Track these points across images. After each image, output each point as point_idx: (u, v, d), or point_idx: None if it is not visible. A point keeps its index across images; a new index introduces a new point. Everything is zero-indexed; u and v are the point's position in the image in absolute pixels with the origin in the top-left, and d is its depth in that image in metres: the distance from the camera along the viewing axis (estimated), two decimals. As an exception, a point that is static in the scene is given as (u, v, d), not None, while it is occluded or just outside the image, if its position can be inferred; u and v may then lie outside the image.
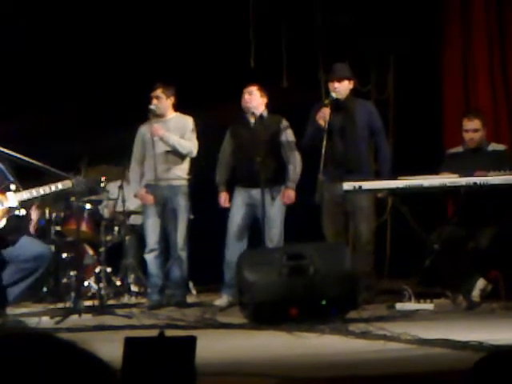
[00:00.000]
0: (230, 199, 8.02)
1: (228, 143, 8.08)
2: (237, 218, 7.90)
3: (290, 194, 7.87)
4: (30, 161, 6.92)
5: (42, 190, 6.94)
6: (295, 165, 7.90)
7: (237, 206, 7.93)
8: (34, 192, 6.93)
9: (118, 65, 9.50)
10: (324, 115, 7.33)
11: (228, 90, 8.18)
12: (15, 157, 6.92)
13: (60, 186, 7.01)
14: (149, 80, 8.20)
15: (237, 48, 9.28)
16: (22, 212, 6.91)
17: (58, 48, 9.53)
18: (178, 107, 8.19)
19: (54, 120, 9.03)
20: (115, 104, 9.30)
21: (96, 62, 9.60)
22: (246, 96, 7.84)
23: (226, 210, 7.99)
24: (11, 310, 7.10)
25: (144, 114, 7.99)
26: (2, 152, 6.92)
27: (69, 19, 9.46)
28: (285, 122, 7.94)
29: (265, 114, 7.90)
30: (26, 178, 7.04)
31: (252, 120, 7.88)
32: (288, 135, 7.92)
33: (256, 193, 7.75)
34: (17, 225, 6.94)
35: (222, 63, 9.33)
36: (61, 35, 9.46)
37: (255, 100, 7.85)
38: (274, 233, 7.79)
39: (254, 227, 7.91)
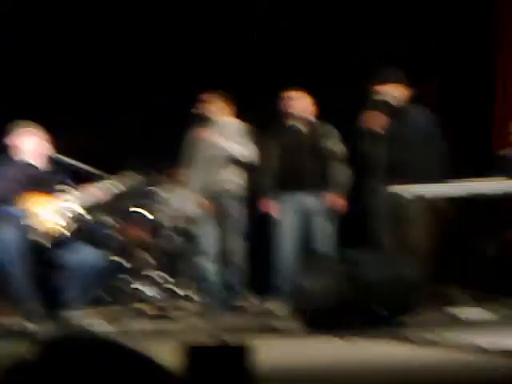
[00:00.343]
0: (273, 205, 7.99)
1: (271, 148, 8.04)
2: (288, 225, 7.88)
3: (338, 201, 7.83)
4: (84, 166, 7.02)
5: (99, 194, 7.04)
6: (342, 170, 7.86)
7: (285, 212, 7.90)
8: (92, 196, 7.03)
9: (169, 66, 9.57)
10: (375, 120, 7.30)
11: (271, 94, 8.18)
12: (70, 162, 7.03)
13: (113, 188, 7.11)
14: (199, 83, 8.23)
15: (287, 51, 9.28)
16: (80, 216, 7.01)
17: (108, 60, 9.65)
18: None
19: (109, 128, 9.14)
20: (168, 109, 9.37)
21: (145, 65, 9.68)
22: (297, 103, 7.81)
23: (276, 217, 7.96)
24: (68, 314, 7.19)
25: (197, 119, 8.03)
26: (58, 158, 7.03)
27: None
28: (331, 128, 7.91)
29: (312, 119, 7.88)
30: (81, 183, 7.13)
31: (299, 125, 7.87)
32: (335, 141, 7.89)
33: (304, 199, 7.74)
34: (74, 230, 7.03)
35: (268, 68, 9.34)
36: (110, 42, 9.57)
37: (301, 106, 7.82)
38: (327, 239, 7.75)
39: (302, 234, 7.88)
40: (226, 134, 8.05)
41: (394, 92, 7.54)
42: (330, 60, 9.27)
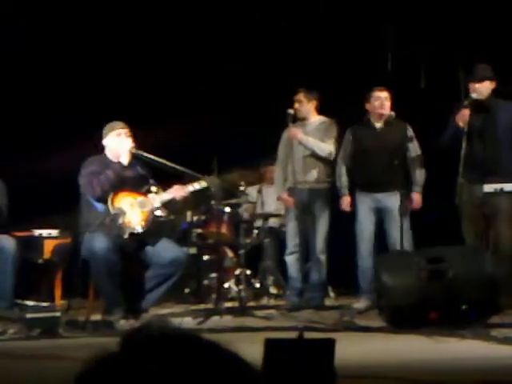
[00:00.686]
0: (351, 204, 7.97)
1: (348, 146, 8.02)
2: (366, 223, 7.85)
3: (417, 199, 7.77)
4: (169, 164, 7.11)
5: (182, 191, 7.14)
6: (421, 169, 7.80)
7: (364, 211, 7.86)
8: (175, 193, 7.13)
9: (263, 67, 9.64)
10: (463, 116, 7.21)
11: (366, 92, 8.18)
12: (154, 160, 7.13)
13: (197, 185, 7.20)
14: (290, 85, 8.26)
15: (374, 50, 9.24)
16: (166, 214, 7.12)
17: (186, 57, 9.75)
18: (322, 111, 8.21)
19: (194, 125, 9.22)
20: (259, 108, 9.43)
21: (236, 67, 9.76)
22: (381, 102, 7.77)
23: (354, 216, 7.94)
24: (155, 311, 7.32)
25: (280, 119, 8.06)
26: (143, 156, 7.14)
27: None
28: (409, 127, 7.85)
29: (391, 118, 7.83)
30: (165, 181, 7.24)
31: (378, 124, 7.83)
32: (413, 140, 7.83)
33: (381, 197, 7.71)
34: (158, 228, 7.13)
35: (359, 66, 9.32)
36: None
37: (388, 106, 7.79)
38: (404, 237, 7.68)
39: (379, 231, 7.86)
40: (314, 133, 8.06)
41: (483, 89, 7.43)
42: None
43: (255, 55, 9.76)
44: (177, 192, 7.14)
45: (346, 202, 7.96)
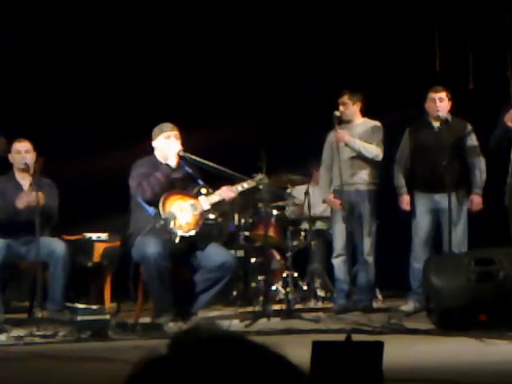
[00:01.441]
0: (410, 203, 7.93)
1: (406, 146, 7.98)
2: (422, 224, 7.80)
3: (477, 201, 7.70)
4: (216, 166, 7.14)
5: (231, 192, 7.16)
6: (481, 170, 7.73)
7: (421, 212, 7.82)
8: (224, 194, 7.15)
9: (308, 71, 9.65)
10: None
11: (413, 94, 8.14)
12: (202, 163, 7.17)
13: (246, 185, 7.24)
14: (335, 86, 8.26)
15: (422, 51, 9.19)
16: (215, 217, 7.15)
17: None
18: (367, 112, 8.19)
19: (241, 127, 9.26)
20: (306, 110, 9.44)
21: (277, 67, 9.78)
22: (438, 103, 7.71)
23: (408, 215, 7.90)
24: (203, 314, 7.35)
25: (325, 121, 8.06)
26: (191, 159, 7.18)
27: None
28: (469, 127, 7.78)
29: (449, 118, 7.77)
30: (212, 182, 7.27)
31: (436, 124, 7.77)
32: (472, 140, 7.76)
33: (439, 197, 7.65)
34: (207, 231, 7.17)
35: (407, 67, 9.28)
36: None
37: (445, 106, 7.73)
38: (460, 238, 7.63)
39: (436, 232, 7.80)
40: (360, 135, 8.03)
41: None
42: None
43: (303, 56, 9.76)
44: (225, 193, 7.16)
45: (405, 201, 7.91)
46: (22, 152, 7.49)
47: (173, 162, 7.08)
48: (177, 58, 9.88)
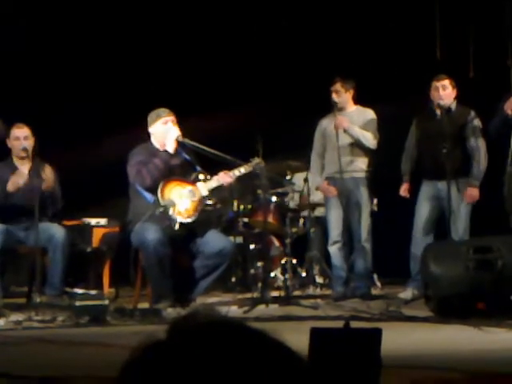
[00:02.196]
0: (413, 191, 7.93)
1: (413, 135, 8.00)
2: (423, 211, 7.81)
3: (472, 193, 7.68)
4: (214, 152, 7.14)
5: (228, 177, 7.16)
6: (480, 160, 7.70)
7: (423, 199, 7.84)
8: (221, 179, 7.15)
9: (297, 58, 9.64)
10: (512, 105, 7.12)
11: (414, 82, 8.13)
12: (200, 148, 7.16)
13: (243, 170, 7.24)
14: (328, 73, 8.24)
15: (423, 39, 9.18)
16: (213, 203, 7.16)
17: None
18: (362, 100, 8.18)
19: (238, 114, 9.26)
20: (295, 98, 9.43)
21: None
22: (441, 92, 7.69)
23: (411, 203, 7.91)
24: (202, 300, 7.36)
25: (323, 108, 8.05)
26: (189, 144, 7.17)
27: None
28: (472, 114, 7.77)
29: (453, 106, 7.76)
30: (210, 168, 7.26)
31: (439, 112, 7.76)
32: (475, 129, 7.74)
33: (442, 185, 7.65)
34: (206, 217, 7.17)
35: (407, 55, 9.27)
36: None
37: (449, 95, 7.71)
38: (460, 226, 7.64)
39: (439, 220, 7.80)
40: (355, 122, 8.03)
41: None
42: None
43: (301, 44, 9.74)
44: (223, 178, 7.16)
45: (403, 188, 7.93)
46: (21, 138, 7.47)
47: (171, 147, 7.08)
48: (175, 44, 9.86)
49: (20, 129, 7.50)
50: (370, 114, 8.12)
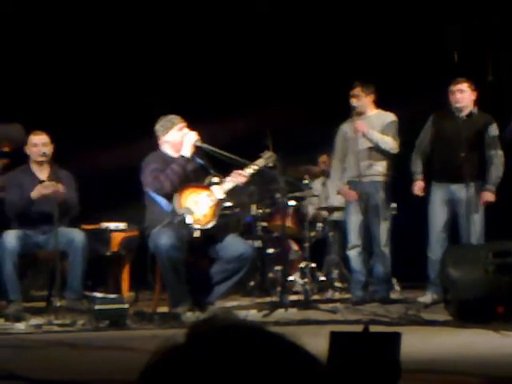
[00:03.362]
0: (425, 190, 7.90)
1: (428, 133, 7.94)
2: (438, 214, 7.78)
3: (488, 197, 7.65)
4: (231, 156, 7.12)
5: (242, 176, 7.13)
6: (497, 165, 7.67)
7: (437, 202, 7.79)
8: (235, 179, 7.13)
9: (319, 61, 9.63)
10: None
11: (431, 84, 8.11)
12: (217, 152, 7.14)
13: (255, 166, 7.20)
14: (347, 78, 8.24)
15: (441, 42, 9.16)
16: (231, 208, 7.15)
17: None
18: (381, 103, 8.17)
19: (249, 119, 9.27)
20: (316, 104, 9.43)
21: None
22: (458, 95, 7.67)
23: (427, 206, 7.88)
24: (220, 304, 7.36)
25: (343, 112, 8.04)
26: (207, 148, 7.16)
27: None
28: (492, 121, 7.74)
29: (474, 110, 7.72)
30: (223, 171, 7.25)
31: (459, 115, 7.73)
32: (493, 132, 7.71)
33: (456, 188, 7.63)
34: (225, 222, 7.17)
35: (425, 57, 9.25)
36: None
37: (467, 98, 7.68)
38: (477, 230, 7.60)
39: (452, 223, 7.78)
40: (375, 126, 8.02)
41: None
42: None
43: (314, 47, 9.74)
44: (237, 178, 7.14)
45: (418, 186, 7.88)
46: (39, 145, 7.48)
47: (188, 152, 7.07)
48: (183, 46, 9.88)
49: (38, 135, 7.51)
50: (390, 117, 8.09)
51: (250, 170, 7.19)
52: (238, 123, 9.09)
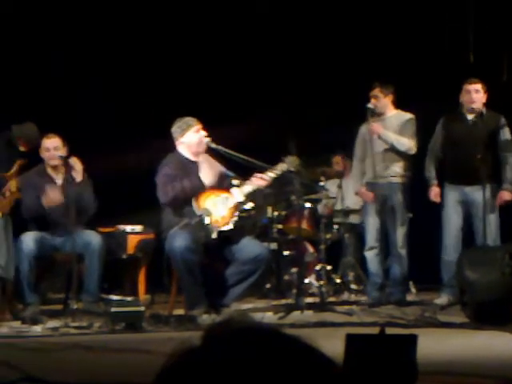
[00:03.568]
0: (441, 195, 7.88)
1: (439, 136, 7.93)
2: (453, 216, 7.75)
3: (505, 196, 7.63)
4: (246, 158, 7.11)
5: (263, 179, 7.12)
6: None
7: (451, 204, 7.76)
8: (256, 182, 7.12)
9: (335, 63, 9.63)
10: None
11: (447, 85, 8.09)
12: (231, 154, 7.14)
13: (278, 170, 7.18)
14: (366, 79, 8.23)
15: (456, 42, 9.14)
16: (248, 211, 7.14)
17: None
18: (399, 104, 8.16)
19: (271, 121, 9.28)
20: (334, 104, 9.42)
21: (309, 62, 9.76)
22: (474, 95, 7.64)
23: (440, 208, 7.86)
24: (236, 306, 7.37)
25: (359, 113, 8.04)
26: (222, 150, 7.15)
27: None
28: (503, 120, 7.72)
29: (484, 111, 7.71)
30: (242, 173, 7.25)
31: (470, 117, 7.71)
32: (506, 133, 7.69)
33: (470, 190, 7.61)
34: (241, 224, 7.17)
35: (440, 58, 9.24)
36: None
37: (480, 99, 7.66)
38: (492, 231, 7.57)
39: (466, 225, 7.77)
40: (392, 128, 8.00)
41: None
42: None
43: (333, 49, 9.74)
44: (258, 181, 7.13)
45: (434, 193, 7.85)
46: (51, 149, 7.43)
47: (201, 154, 7.10)
48: (203, 49, 9.89)
49: (50, 139, 7.45)
50: (408, 118, 8.07)
51: (271, 174, 7.17)
52: (255, 125, 9.09)
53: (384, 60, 9.27)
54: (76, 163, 7.46)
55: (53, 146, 7.44)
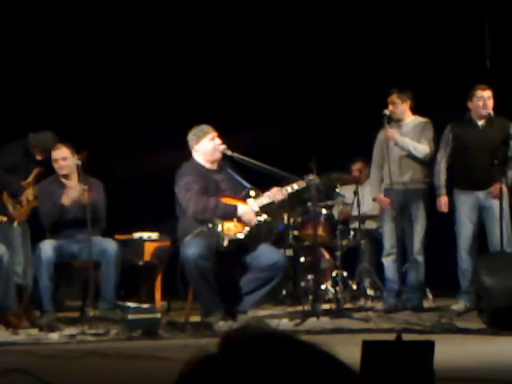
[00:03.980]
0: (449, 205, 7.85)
1: (448, 144, 7.91)
2: (466, 222, 7.72)
3: (497, 189, 7.60)
4: (264, 165, 7.12)
5: (280, 194, 7.14)
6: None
7: (464, 211, 7.73)
8: (273, 196, 7.14)
9: (356, 69, 9.64)
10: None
11: (463, 91, 8.09)
12: (248, 162, 7.14)
13: (296, 186, 7.20)
14: (384, 85, 8.22)
15: (473, 48, 9.13)
16: (264, 217, 7.14)
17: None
18: (417, 110, 8.14)
19: (287, 128, 9.29)
20: (351, 111, 9.42)
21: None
22: (488, 102, 7.63)
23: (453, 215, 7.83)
24: (252, 313, 7.36)
25: (377, 119, 8.03)
26: (239, 158, 7.16)
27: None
28: (510, 127, 7.70)
29: (492, 116, 7.69)
30: (260, 182, 7.26)
31: (480, 122, 7.70)
32: None
33: (482, 195, 7.59)
34: (258, 232, 7.17)
35: (457, 64, 9.23)
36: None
37: (490, 105, 7.66)
38: (507, 235, 7.54)
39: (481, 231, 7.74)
40: (410, 134, 7.98)
41: None
42: None
43: (350, 55, 9.74)
44: (275, 195, 7.15)
45: (442, 203, 7.85)
46: (59, 160, 7.43)
47: (216, 162, 7.11)
48: (226, 58, 9.92)
49: (58, 150, 7.45)
50: (425, 124, 8.05)
51: (289, 189, 7.18)
52: (271, 133, 9.10)
53: (401, 65, 9.27)
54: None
55: (60, 157, 7.44)
